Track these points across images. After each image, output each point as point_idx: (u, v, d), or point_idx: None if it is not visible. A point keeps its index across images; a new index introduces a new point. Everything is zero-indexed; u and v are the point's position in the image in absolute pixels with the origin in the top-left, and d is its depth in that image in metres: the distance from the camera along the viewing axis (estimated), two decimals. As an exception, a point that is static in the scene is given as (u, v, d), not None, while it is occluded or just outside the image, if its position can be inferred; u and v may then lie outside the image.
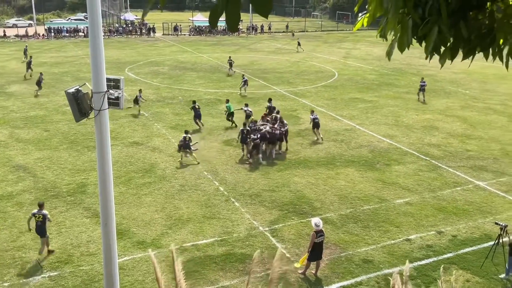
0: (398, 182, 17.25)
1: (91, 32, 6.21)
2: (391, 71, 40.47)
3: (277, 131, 19.34)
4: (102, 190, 6.53)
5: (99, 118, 6.08)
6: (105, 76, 6.14)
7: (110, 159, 6.48)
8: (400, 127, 23.99)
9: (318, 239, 11.35)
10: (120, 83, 6.37)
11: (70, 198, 15.63)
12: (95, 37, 6.03)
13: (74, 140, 21.25)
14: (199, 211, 14.86)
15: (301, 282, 11.49)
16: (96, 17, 6.05)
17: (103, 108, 6.07)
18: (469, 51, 2.07)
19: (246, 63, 43.19)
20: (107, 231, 6.64)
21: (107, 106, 6.23)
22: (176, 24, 68.52)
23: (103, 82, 6.12)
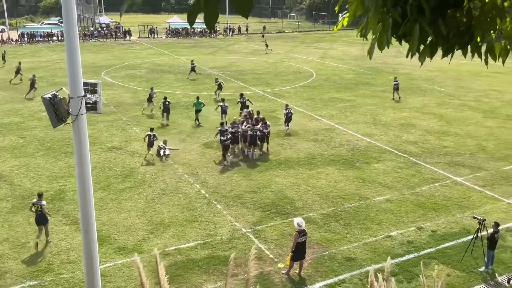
0: (378, 179, 17.45)
1: (66, 36, 6.10)
2: (368, 70, 40.94)
3: (258, 132, 19.31)
4: (82, 196, 6.42)
5: (77, 123, 5.96)
6: (82, 81, 6.03)
7: (89, 165, 6.38)
8: (378, 125, 24.28)
9: (301, 239, 11.40)
10: (97, 87, 6.26)
11: (48, 205, 15.27)
12: (71, 41, 5.92)
13: (51, 146, 20.87)
14: (181, 215, 14.75)
15: (285, 282, 11.51)
16: (71, 21, 5.94)
17: (80, 113, 5.96)
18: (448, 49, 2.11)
19: (224, 64, 43.13)
20: (87, 238, 6.53)
21: (85, 111, 6.12)
22: (152, 26, 67.98)
23: (80, 87, 6.02)
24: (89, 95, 6.05)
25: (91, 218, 6.41)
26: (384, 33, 2.01)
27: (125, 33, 65.20)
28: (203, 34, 69.51)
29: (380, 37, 2.05)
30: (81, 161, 6.27)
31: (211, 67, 41.52)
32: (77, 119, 5.97)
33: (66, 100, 6.13)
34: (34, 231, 13.64)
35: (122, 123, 24.47)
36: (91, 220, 6.41)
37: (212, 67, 41.52)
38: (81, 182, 6.40)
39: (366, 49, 13.42)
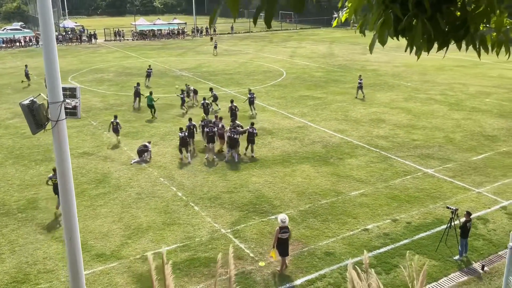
0: (352, 174, 17.76)
1: (44, 42, 5.97)
2: (336, 68, 41.51)
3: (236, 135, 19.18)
4: (64, 203, 6.31)
5: (57, 129, 5.85)
6: (61, 86, 5.93)
7: (70, 171, 6.28)
8: (349, 121, 24.68)
9: (282, 235, 11.50)
10: (76, 92, 6.16)
11: (21, 215, 14.96)
12: (49, 46, 5.80)
13: (20, 154, 20.32)
14: (159, 218, 14.64)
15: (267, 280, 11.59)
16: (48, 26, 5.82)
17: (60, 118, 5.86)
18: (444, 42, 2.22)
19: (194, 66, 42.93)
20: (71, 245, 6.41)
21: (65, 116, 6.02)
22: (118, 29, 67.00)
23: (59, 92, 5.91)
24: (68, 100, 5.95)
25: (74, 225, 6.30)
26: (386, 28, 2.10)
27: (90, 37, 64.03)
28: (170, 36, 68.97)
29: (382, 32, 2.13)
30: (63, 167, 6.17)
31: (181, 69, 41.26)
32: (57, 125, 5.86)
33: (45, 105, 6.02)
34: (7, 242, 13.30)
35: (93, 128, 24.05)
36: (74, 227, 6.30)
37: (182, 69, 41.26)
38: (63, 189, 6.29)
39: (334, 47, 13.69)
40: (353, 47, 55.24)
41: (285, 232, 11.59)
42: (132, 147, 20.83)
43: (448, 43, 2.24)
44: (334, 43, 59.50)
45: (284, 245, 11.66)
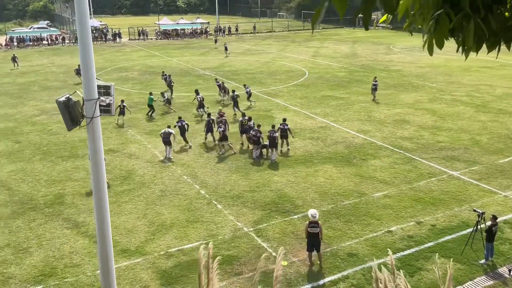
0: (375, 176, 17.61)
1: (80, 41, 6.13)
2: (359, 68, 41.19)
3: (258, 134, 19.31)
4: (97, 199, 6.45)
5: (91, 126, 6.00)
6: (96, 83, 6.06)
7: (103, 167, 6.41)
8: (372, 122, 24.47)
9: (311, 229, 11.69)
10: (110, 89, 6.30)
11: (48, 209, 15.30)
12: (85, 45, 5.95)
13: (47, 150, 20.78)
14: (182, 216, 14.79)
15: (289, 280, 11.60)
16: (85, 26, 5.97)
17: (95, 115, 6.00)
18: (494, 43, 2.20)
19: (216, 65, 43.15)
20: (103, 240, 6.55)
21: (99, 113, 6.16)
22: (142, 28, 67.77)
23: (94, 90, 6.05)
24: (102, 97, 6.09)
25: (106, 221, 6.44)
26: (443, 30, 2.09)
27: (115, 36, 64.92)
28: (193, 35, 69.45)
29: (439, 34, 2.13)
30: (96, 163, 6.31)
31: (204, 68, 41.53)
32: (91, 122, 6.01)
33: (80, 103, 6.17)
34: (35, 236, 13.63)
35: (118, 125, 24.41)
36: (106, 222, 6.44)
37: (204, 68, 41.53)
38: (96, 184, 6.43)
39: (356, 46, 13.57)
40: (377, 47, 54.69)
41: (314, 226, 11.73)
42: (156, 145, 21.10)
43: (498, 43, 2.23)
44: (357, 43, 59.02)
45: (314, 239, 11.80)
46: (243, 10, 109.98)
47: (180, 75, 37.93)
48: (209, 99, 29.00)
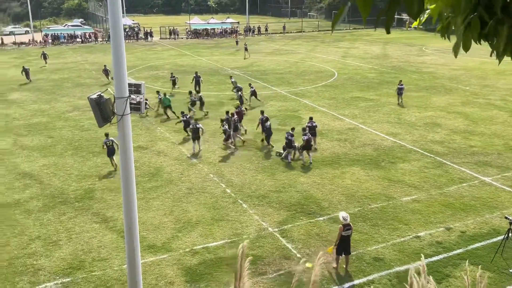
0: (404, 179, 17.31)
1: (113, 40, 6.24)
2: (390, 69, 40.57)
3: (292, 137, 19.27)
4: (126, 194, 6.57)
5: (122, 123, 6.11)
6: (127, 82, 6.17)
7: (133, 164, 6.52)
8: (402, 124, 24.07)
9: (345, 232, 11.52)
10: (141, 88, 6.40)
11: (78, 204, 15.66)
12: (117, 44, 6.06)
13: (79, 146, 21.26)
14: (208, 214, 14.89)
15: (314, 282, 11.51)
16: (117, 25, 6.08)
17: (125, 113, 6.10)
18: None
19: (245, 65, 43.27)
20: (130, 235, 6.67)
21: (129, 111, 6.27)
22: (173, 27, 68.56)
23: (125, 88, 6.16)
24: (133, 95, 6.19)
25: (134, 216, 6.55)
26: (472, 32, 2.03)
27: (146, 34, 65.91)
28: (223, 35, 69.85)
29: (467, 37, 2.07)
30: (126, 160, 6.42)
31: (233, 67, 41.71)
32: (122, 119, 6.12)
33: (111, 100, 6.29)
34: (64, 229, 13.96)
35: (147, 123, 24.78)
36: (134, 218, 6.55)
37: (233, 67, 41.70)
38: (125, 180, 6.55)
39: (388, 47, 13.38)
40: (408, 48, 53.76)
41: (349, 229, 11.59)
42: (184, 143, 21.30)
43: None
44: (389, 44, 58.17)
45: (346, 242, 11.66)
46: (273, 10, 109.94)
47: (209, 74, 38.19)
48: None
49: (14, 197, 16.19)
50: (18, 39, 61.36)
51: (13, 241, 13.35)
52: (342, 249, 11.75)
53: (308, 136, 18.84)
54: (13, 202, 15.79)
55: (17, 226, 14.20)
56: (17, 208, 15.36)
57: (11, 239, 13.45)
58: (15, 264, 12.24)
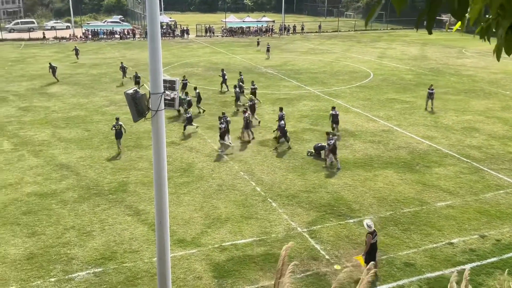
0: (439, 184, 16.90)
1: (150, 37, 6.35)
2: (428, 71, 39.66)
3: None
4: (157, 188, 6.68)
5: (156, 119, 6.22)
6: (162, 78, 6.27)
7: (165, 158, 6.63)
8: (439, 128, 23.49)
9: (374, 240, 11.31)
10: (175, 84, 6.50)
11: (112, 196, 16.02)
12: (154, 41, 6.16)
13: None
14: (237, 211, 14.96)
15: (342, 285, 11.39)
16: (155, 22, 6.18)
17: (160, 108, 6.22)
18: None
19: (279, 63, 43.20)
20: (161, 229, 6.78)
21: (163, 107, 6.38)
22: (209, 25, 69.17)
23: (160, 84, 6.26)
24: (167, 91, 6.29)
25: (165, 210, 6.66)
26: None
27: (183, 32, 66.73)
28: (258, 33, 69.95)
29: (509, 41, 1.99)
30: (158, 154, 6.53)
31: (266, 66, 41.72)
32: (156, 115, 6.23)
33: (147, 96, 6.41)
34: (98, 220, 14.32)
35: (181, 119, 25.08)
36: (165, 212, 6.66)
37: (267, 66, 41.71)
38: (157, 175, 6.66)
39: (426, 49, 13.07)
40: (448, 50, 52.41)
41: (376, 235, 11.39)
42: (216, 140, 21.46)
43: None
44: (427, 45, 56.86)
45: (375, 249, 11.45)
46: (310, 9, 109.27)
47: (242, 72, 38.27)
48: (269, 97, 29.03)
49: (51, 187, 16.71)
50: (59, 34, 63.27)
51: (48, 230, 13.78)
52: (372, 257, 11.45)
53: (334, 140, 18.46)
54: (50, 192, 16.30)
55: (53, 216, 14.66)
56: (53, 198, 15.85)
57: (47, 228, 13.90)
58: (50, 253, 12.64)
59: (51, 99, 29.69)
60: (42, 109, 27.25)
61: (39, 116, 25.79)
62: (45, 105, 28.03)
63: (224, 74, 31.97)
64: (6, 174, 17.81)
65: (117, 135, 19.86)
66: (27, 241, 13.20)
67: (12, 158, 19.45)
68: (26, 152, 20.15)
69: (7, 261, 12.22)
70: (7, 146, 20.91)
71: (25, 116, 25.77)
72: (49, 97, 30.10)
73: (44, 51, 51.72)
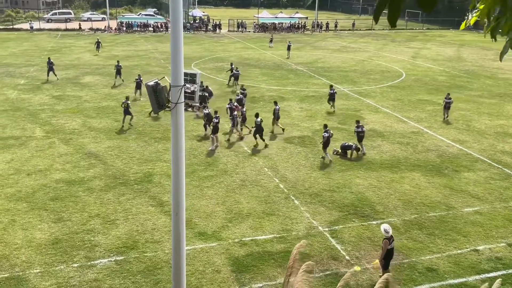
0: (468, 189, 16.45)
1: (172, 30, 6.39)
2: (463, 73, 38.62)
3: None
4: (175, 180, 6.73)
5: (175, 111, 6.26)
6: (183, 71, 6.30)
7: (183, 151, 6.66)
8: (471, 132, 22.85)
9: (390, 246, 10.99)
10: (196, 78, 6.52)
11: (137, 186, 16.27)
12: (176, 34, 6.19)
13: (142, 131, 22.06)
14: (259, 207, 14.95)
15: (360, 285, 11.26)
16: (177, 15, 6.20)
17: (179, 101, 6.25)
18: None
19: (309, 60, 42.89)
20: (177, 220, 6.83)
21: (183, 100, 6.41)
22: (242, 20, 69.22)
23: (180, 77, 6.29)
24: (188, 85, 6.31)
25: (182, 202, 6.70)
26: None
27: (215, 26, 67.03)
28: (290, 30, 69.59)
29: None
30: (177, 146, 6.57)
31: (296, 63, 41.48)
32: (175, 107, 6.26)
33: (167, 88, 6.46)
34: (122, 210, 14.56)
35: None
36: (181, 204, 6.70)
37: (297, 63, 41.47)
38: (175, 167, 6.70)
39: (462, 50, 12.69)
40: (484, 52, 50.88)
41: (392, 241, 11.05)
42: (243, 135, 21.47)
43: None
44: (464, 47, 55.34)
45: (391, 255, 11.13)
46: (344, 6, 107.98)
47: (272, 69, 38.22)
48: (300, 95, 28.85)
49: (79, 175, 17.09)
50: (95, 25, 64.58)
51: (74, 217, 14.10)
52: (388, 263, 11.14)
53: (329, 133, 18.68)
54: (78, 180, 16.67)
55: (79, 203, 14.99)
56: (80, 186, 16.20)
57: (72, 215, 14.22)
58: (74, 239, 12.93)
59: (83, 88, 30.35)
60: (74, 98, 27.89)
61: (71, 105, 26.41)
62: (77, 95, 28.67)
63: (233, 68, 32.45)
64: (37, 160, 18.32)
65: (125, 112, 22.33)
66: (53, 226, 13.55)
67: (43, 145, 19.99)
68: (57, 139, 20.68)
69: (33, 245, 12.58)
70: (39, 133, 21.51)
71: (58, 104, 26.43)
72: (82, 87, 30.77)
73: (79, 41, 52.89)
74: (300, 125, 23.39)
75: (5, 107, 25.59)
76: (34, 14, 76.56)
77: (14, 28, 64.41)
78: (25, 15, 78.05)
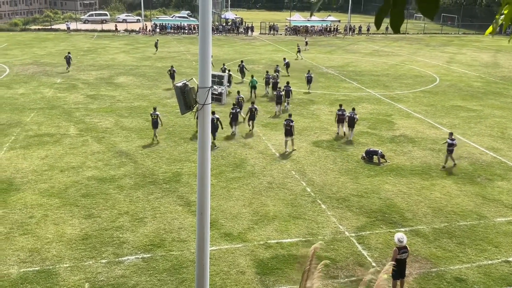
0: (501, 199, 15.97)
1: (201, 31, 6.49)
2: (499, 79, 37.54)
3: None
4: (200, 180, 6.81)
5: (202, 112, 6.34)
6: (210, 73, 6.38)
7: (209, 152, 6.73)
8: (506, 140, 22.18)
9: (401, 256, 10.54)
10: (223, 79, 6.59)
11: (165, 185, 16.51)
12: (205, 36, 6.29)
13: (172, 131, 22.38)
14: (285, 210, 14.93)
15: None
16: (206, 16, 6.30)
17: (206, 102, 6.32)
18: None
19: (341, 64, 42.56)
20: (202, 220, 6.91)
21: (210, 101, 6.48)
22: (274, 23, 69.31)
23: (208, 78, 6.38)
24: (215, 86, 6.39)
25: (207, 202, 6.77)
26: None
27: (247, 29, 67.36)
28: (322, 33, 69.23)
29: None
30: (203, 147, 6.65)
31: (327, 66, 41.23)
32: (202, 108, 6.35)
33: (195, 89, 6.55)
34: (151, 208, 14.81)
35: (237, 115, 25.32)
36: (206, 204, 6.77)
37: (328, 66, 41.21)
38: (201, 167, 6.78)
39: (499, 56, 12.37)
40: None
41: (404, 252, 10.59)
42: (270, 137, 21.52)
43: None
44: (501, 52, 53.78)
45: (402, 266, 10.66)
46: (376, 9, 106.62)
47: (303, 72, 38.02)
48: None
49: (110, 173, 17.48)
50: (130, 27, 65.93)
51: (104, 214, 14.43)
52: (397, 273, 10.60)
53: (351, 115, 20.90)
54: (109, 178, 17.05)
55: (109, 200, 15.33)
56: (111, 183, 16.56)
57: (102, 212, 14.56)
58: (103, 235, 13.23)
59: (117, 88, 31.02)
60: (108, 98, 28.54)
61: (105, 104, 27.04)
62: (111, 94, 29.33)
63: (243, 66, 33.59)
64: (70, 157, 18.84)
65: (153, 125, 20.60)
66: (84, 222, 13.90)
67: (77, 142, 20.54)
68: (90, 138, 21.21)
69: (64, 240, 12.94)
70: (73, 131, 22.11)
71: (92, 103, 27.11)
72: (116, 87, 31.46)
73: (115, 42, 54.09)
74: (329, 129, 23.24)
75: (41, 105, 26.43)
76: (71, 15, 78.87)
77: (52, 28, 66.47)
78: (63, 16, 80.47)
